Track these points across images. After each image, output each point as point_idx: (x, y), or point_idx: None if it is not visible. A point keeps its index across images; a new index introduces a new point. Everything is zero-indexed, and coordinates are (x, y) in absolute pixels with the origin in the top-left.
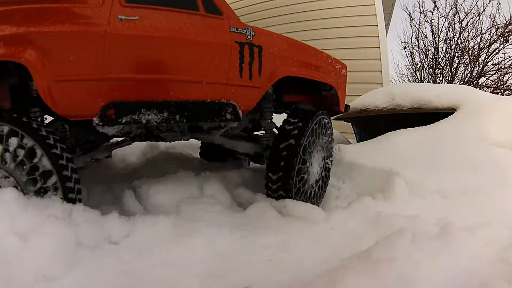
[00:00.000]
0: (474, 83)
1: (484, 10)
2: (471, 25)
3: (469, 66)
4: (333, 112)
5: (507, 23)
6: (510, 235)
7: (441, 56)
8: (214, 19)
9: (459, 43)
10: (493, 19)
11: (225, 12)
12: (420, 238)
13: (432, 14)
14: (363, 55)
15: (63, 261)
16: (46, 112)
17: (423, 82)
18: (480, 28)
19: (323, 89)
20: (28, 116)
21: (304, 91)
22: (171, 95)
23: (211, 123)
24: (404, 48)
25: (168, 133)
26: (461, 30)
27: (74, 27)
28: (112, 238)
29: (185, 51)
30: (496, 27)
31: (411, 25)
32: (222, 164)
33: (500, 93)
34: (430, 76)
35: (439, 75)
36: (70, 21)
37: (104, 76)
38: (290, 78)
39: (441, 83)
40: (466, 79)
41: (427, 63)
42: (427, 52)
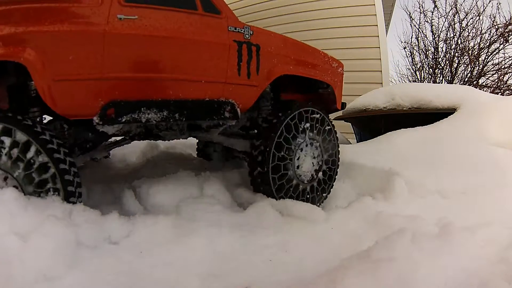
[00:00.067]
0: (474, 83)
1: (484, 10)
2: (471, 25)
3: (469, 66)
4: (330, 110)
5: (507, 23)
6: (510, 235)
7: (441, 56)
8: (213, 18)
9: (459, 43)
10: (493, 19)
11: (223, 12)
12: (420, 238)
13: (432, 14)
14: (363, 55)
15: (63, 261)
16: (45, 112)
17: (423, 82)
18: (480, 28)
19: (320, 87)
20: (28, 116)
21: (301, 89)
22: (170, 94)
23: (210, 121)
24: (404, 48)
25: (167, 132)
26: (461, 30)
27: (74, 26)
28: (112, 238)
29: (184, 50)
30: (496, 27)
31: (411, 25)
32: (222, 164)
33: (500, 93)
34: (430, 76)
35: (439, 75)
36: (70, 20)
37: (104, 75)
38: (287, 76)
39: (441, 83)
40: (466, 79)
41: (427, 63)
42: (427, 52)
